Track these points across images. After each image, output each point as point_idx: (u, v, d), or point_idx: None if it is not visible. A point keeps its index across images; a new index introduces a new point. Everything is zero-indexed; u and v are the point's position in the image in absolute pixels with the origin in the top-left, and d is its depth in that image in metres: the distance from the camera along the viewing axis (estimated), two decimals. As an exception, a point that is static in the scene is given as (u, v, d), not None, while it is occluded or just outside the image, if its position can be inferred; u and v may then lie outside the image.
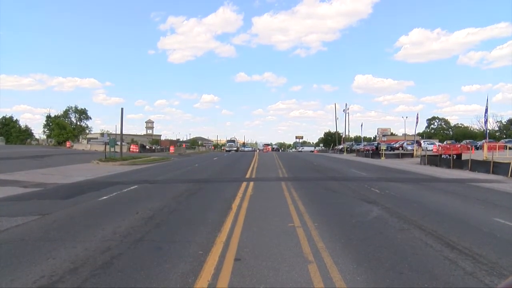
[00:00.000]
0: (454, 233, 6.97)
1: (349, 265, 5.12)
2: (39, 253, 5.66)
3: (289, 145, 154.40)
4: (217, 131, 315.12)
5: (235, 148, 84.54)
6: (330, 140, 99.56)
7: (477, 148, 44.71)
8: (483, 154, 27.44)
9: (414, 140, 48.98)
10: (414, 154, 41.31)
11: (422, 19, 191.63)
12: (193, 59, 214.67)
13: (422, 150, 39.83)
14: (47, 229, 7.27)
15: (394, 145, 62.97)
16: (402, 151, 49.50)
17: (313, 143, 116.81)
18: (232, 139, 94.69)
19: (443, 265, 5.19)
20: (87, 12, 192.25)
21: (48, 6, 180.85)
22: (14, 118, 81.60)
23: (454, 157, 26.50)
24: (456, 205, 10.80)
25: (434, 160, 29.22)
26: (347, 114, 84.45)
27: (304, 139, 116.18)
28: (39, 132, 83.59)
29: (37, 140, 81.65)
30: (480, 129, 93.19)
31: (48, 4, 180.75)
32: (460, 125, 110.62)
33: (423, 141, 57.70)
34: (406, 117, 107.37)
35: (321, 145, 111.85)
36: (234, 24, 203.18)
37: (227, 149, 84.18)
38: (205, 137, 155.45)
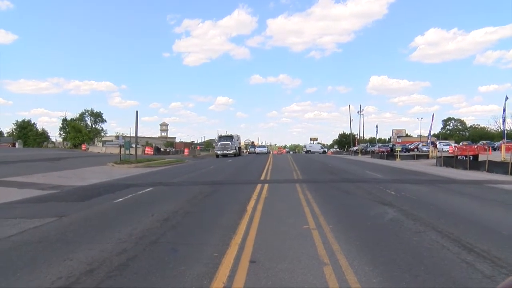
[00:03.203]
0: (472, 235, 6.83)
1: (364, 267, 5.08)
2: (56, 254, 5.74)
3: (304, 146, 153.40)
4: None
5: (233, 151, 52.04)
6: (345, 141, 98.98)
7: (494, 149, 44.02)
8: (501, 155, 26.98)
9: (429, 141, 48.38)
10: (430, 156, 40.80)
11: (438, 19, 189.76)
12: (208, 62, 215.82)
13: (438, 151, 39.27)
14: (64, 231, 7.37)
15: (409, 147, 62.42)
16: (417, 153, 48.93)
17: (326, 144, 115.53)
18: (228, 134, 59.28)
19: (460, 268, 5.10)
20: (103, 16, 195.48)
21: (64, 11, 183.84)
22: (32, 122, 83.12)
23: (471, 158, 26.05)
24: (473, 207, 10.64)
25: (450, 161, 28.80)
26: (361, 116, 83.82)
27: (319, 140, 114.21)
28: (55, 135, 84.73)
29: (53, 143, 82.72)
30: (498, 129, 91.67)
31: (64, 8, 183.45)
32: (476, 126, 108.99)
33: (439, 142, 57.03)
34: (421, 118, 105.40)
35: (336, 146, 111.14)
36: (248, 26, 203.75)
37: (217, 152, 52.24)
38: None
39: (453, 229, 7.36)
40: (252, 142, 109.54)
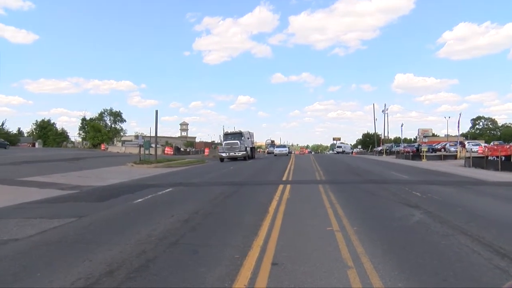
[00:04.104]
0: (505, 240, 6.50)
1: (390, 271, 4.89)
2: (75, 255, 5.73)
3: (327, 147, 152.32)
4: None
5: (243, 152, 40.43)
6: (369, 141, 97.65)
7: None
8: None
9: (457, 141, 47.25)
10: (458, 156, 39.80)
11: (468, 13, 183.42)
12: (228, 60, 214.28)
13: (466, 151, 38.28)
14: (83, 232, 7.40)
15: (436, 147, 61.11)
16: (445, 153, 47.83)
17: (351, 145, 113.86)
18: (236, 131, 45.13)
19: (492, 274, 4.85)
20: (123, 15, 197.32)
21: (84, 11, 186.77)
22: (52, 121, 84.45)
23: (502, 159, 25.08)
24: (506, 210, 10.24)
25: (479, 162, 27.93)
26: (386, 115, 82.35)
27: (342, 140, 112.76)
28: (74, 134, 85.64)
29: (72, 142, 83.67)
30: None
31: (84, 8, 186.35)
32: (509, 125, 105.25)
33: (467, 142, 55.63)
34: (449, 117, 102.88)
35: (359, 147, 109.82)
36: (270, 24, 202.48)
37: (221, 153, 40.98)
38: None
39: (484, 232, 7.04)
40: (272, 141, 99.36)
